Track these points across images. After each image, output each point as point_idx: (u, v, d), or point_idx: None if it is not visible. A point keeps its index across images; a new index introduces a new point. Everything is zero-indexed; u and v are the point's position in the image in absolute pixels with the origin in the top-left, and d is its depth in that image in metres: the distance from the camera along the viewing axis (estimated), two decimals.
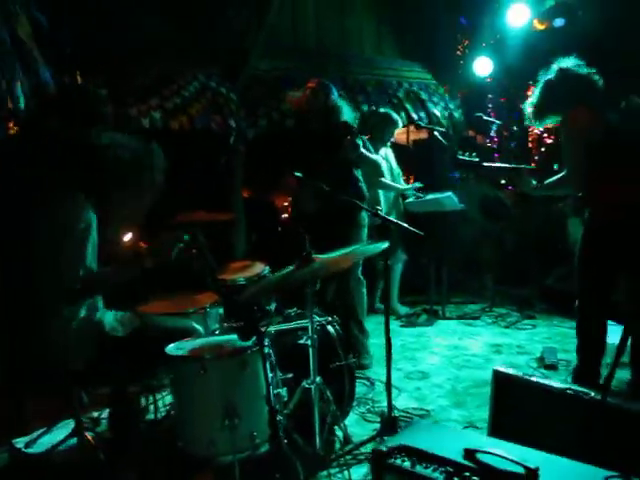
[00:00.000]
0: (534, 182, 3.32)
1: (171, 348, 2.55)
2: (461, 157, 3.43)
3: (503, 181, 6.18)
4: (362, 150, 3.99)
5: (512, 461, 1.75)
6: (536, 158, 7.21)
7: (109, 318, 2.67)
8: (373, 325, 4.47)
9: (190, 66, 5.32)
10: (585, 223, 3.12)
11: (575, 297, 3.18)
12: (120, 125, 4.55)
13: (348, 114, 4.08)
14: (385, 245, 2.73)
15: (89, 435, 2.83)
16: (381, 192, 5.17)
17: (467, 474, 1.75)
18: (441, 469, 1.79)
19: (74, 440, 2.85)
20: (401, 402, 3.54)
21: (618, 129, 2.91)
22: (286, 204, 6.88)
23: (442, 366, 4.22)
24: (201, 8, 5.28)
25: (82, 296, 2.55)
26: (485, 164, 3.43)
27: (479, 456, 1.80)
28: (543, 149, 7.50)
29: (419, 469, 1.82)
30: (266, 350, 2.49)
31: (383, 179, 5.02)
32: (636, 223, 2.90)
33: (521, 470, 1.71)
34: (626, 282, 3.13)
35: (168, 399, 3.35)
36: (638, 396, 3.08)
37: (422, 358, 4.42)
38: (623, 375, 3.30)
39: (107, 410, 3.22)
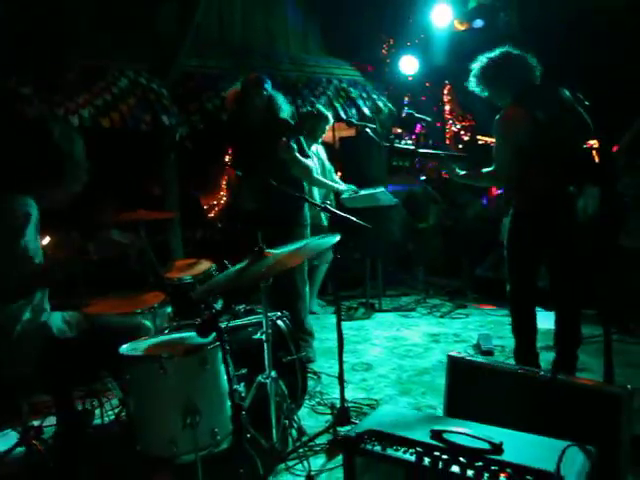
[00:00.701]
0: (459, 171, 3.43)
1: (126, 348, 2.49)
2: (397, 145, 3.52)
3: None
4: (295, 154, 3.95)
5: (477, 438, 1.83)
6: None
7: (56, 319, 2.58)
8: (312, 321, 4.53)
9: (117, 62, 5.19)
10: (512, 215, 3.27)
11: (504, 285, 3.37)
12: None
13: (284, 106, 4.08)
14: (336, 239, 2.77)
15: (37, 443, 2.73)
16: (314, 188, 5.20)
17: (437, 453, 1.82)
18: (411, 450, 1.86)
19: (20, 449, 2.75)
20: (349, 393, 3.59)
21: (543, 125, 3.06)
22: (214, 202, 6.84)
23: (385, 357, 4.33)
24: (124, 3, 5.18)
25: (20, 294, 2.43)
26: (420, 150, 3.53)
27: (445, 436, 1.87)
28: (460, 145, 7.82)
29: (390, 452, 1.88)
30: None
31: (319, 177, 5.07)
32: (554, 213, 3.12)
33: (486, 446, 1.80)
34: (549, 268, 3.33)
35: (114, 402, 3.28)
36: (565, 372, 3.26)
37: (364, 350, 4.51)
38: (549, 356, 3.50)
39: (48, 418, 3.10)
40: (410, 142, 3.57)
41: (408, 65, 6.69)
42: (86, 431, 3.02)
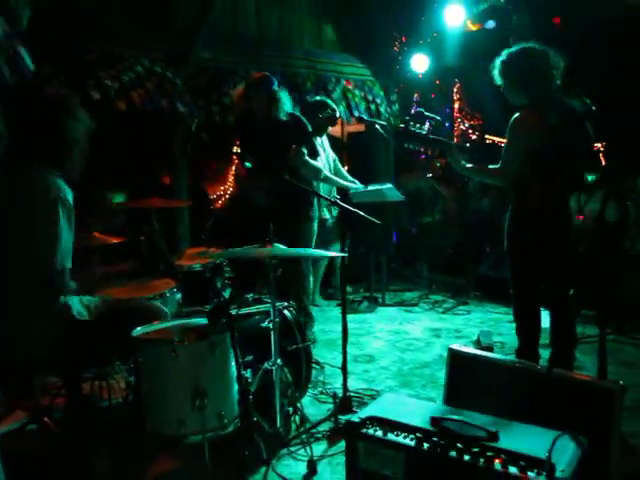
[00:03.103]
0: (464, 162, 3.36)
1: (138, 331, 2.59)
2: (411, 128, 3.49)
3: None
4: (305, 159, 4.06)
5: (474, 426, 1.92)
6: None
7: (75, 302, 2.67)
8: (314, 312, 4.68)
9: (132, 50, 5.25)
10: (511, 217, 3.24)
11: (505, 284, 3.38)
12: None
13: (288, 104, 4.16)
14: (339, 255, 2.87)
15: (48, 421, 2.83)
16: (321, 183, 5.25)
17: (435, 439, 1.91)
18: (411, 436, 1.95)
19: (32, 426, 2.85)
20: (351, 383, 3.65)
21: (556, 134, 3.03)
22: (220, 193, 6.93)
23: (387, 350, 4.42)
24: None
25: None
26: (431, 136, 3.54)
27: (444, 423, 1.96)
28: (468, 145, 7.86)
29: (391, 437, 1.97)
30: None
31: (328, 175, 5.13)
32: (558, 220, 3.12)
33: (483, 434, 1.89)
34: (544, 270, 3.30)
35: (122, 385, 3.38)
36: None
37: (367, 342, 4.60)
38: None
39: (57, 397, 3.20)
40: (425, 127, 3.53)
41: (419, 63, 6.75)
42: (93, 411, 3.11)
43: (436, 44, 6.63)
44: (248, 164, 4.20)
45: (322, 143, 5.34)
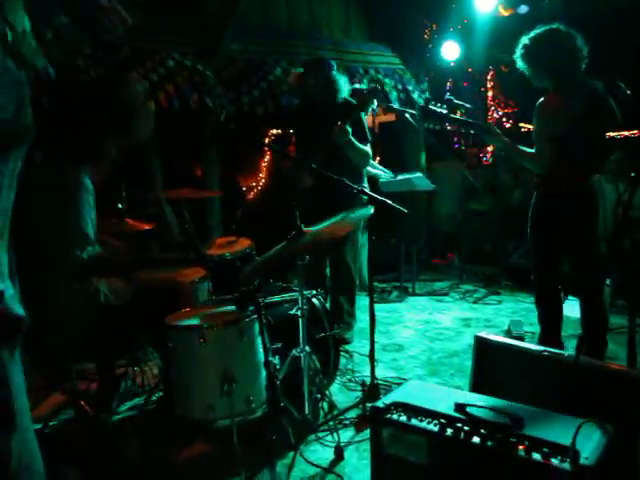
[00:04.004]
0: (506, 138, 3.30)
1: (169, 318, 2.65)
2: (432, 107, 3.45)
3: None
4: (350, 137, 3.93)
5: (499, 412, 1.93)
6: None
7: (103, 288, 2.74)
8: None
9: (163, 44, 5.32)
10: (535, 201, 3.24)
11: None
12: None
13: (343, 87, 4.12)
14: (371, 210, 2.87)
15: (84, 405, 2.91)
16: None
17: (459, 425, 1.92)
18: (435, 421, 1.96)
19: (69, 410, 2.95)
20: (379, 372, 3.68)
21: (578, 117, 3.03)
22: (252, 184, 6.99)
23: (416, 339, 4.42)
24: None
25: (86, 276, 2.62)
26: (452, 116, 3.48)
27: (468, 409, 1.97)
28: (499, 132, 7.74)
29: (415, 422, 1.99)
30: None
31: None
32: (575, 204, 3.10)
33: (507, 420, 1.89)
34: (572, 257, 3.29)
35: (155, 371, 3.46)
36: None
37: (396, 332, 4.61)
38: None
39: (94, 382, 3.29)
40: (445, 106, 3.49)
41: (450, 51, 6.67)
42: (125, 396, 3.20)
43: (467, 31, 6.54)
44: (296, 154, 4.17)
45: None
